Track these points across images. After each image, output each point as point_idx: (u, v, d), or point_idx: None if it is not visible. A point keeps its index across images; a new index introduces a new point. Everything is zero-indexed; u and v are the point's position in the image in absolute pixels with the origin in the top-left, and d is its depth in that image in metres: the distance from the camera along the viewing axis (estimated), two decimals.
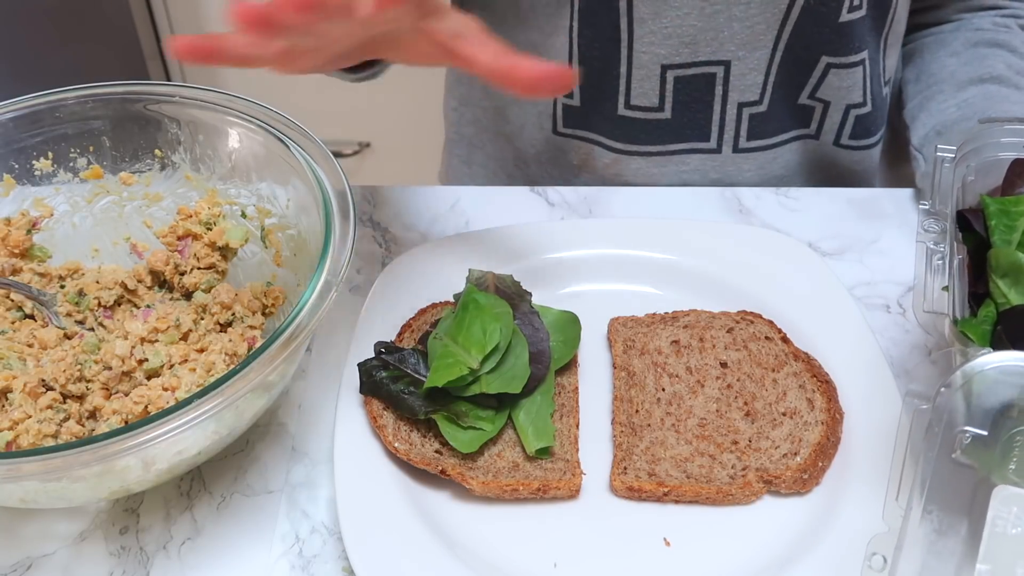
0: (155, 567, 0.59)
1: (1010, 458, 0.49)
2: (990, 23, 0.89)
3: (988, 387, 0.51)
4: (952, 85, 0.86)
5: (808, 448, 0.61)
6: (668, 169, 0.91)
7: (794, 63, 0.85)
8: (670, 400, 0.65)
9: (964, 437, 0.50)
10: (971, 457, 0.49)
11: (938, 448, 0.50)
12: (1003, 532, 0.47)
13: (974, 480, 0.49)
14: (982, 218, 0.63)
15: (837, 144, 0.90)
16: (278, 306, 0.65)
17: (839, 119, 0.89)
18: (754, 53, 0.84)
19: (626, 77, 0.86)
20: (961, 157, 0.66)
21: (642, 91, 0.86)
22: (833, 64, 0.85)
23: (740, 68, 0.85)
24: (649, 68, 0.85)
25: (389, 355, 0.64)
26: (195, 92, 0.70)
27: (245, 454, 0.65)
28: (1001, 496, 0.48)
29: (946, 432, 0.50)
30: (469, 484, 0.59)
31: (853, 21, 0.83)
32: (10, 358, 0.62)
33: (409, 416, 0.62)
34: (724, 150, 0.90)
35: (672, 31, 0.82)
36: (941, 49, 0.90)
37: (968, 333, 0.55)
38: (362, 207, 0.84)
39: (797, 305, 0.70)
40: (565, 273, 0.74)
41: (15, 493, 0.54)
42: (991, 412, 0.51)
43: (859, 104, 0.88)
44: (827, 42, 0.83)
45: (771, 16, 0.82)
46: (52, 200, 0.70)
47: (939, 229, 0.61)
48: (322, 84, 2.05)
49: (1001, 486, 0.48)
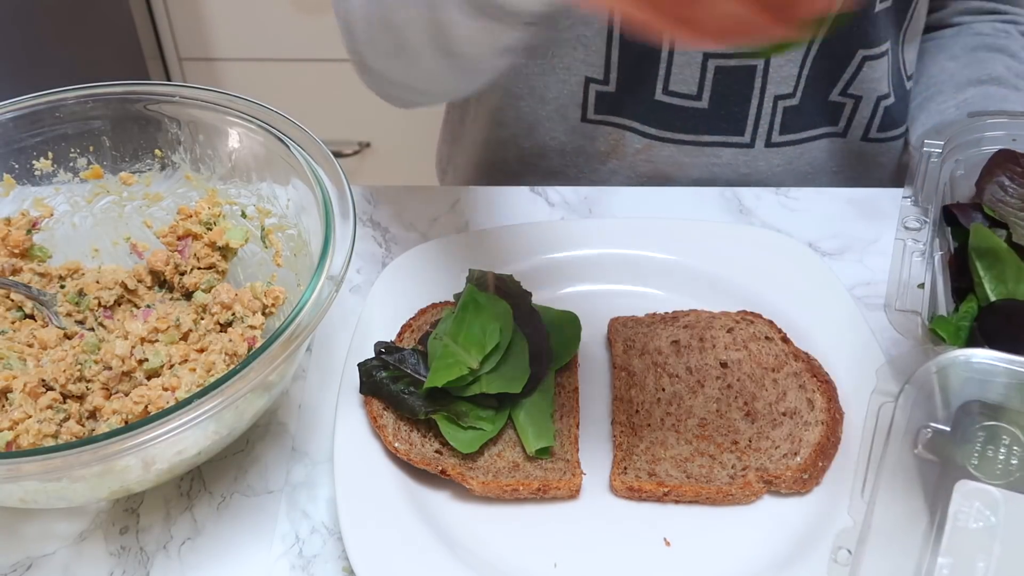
0: (155, 567, 0.59)
1: (972, 453, 0.50)
2: (990, 28, 0.89)
3: (953, 384, 0.51)
4: (952, 87, 0.86)
5: (808, 448, 0.61)
6: (699, 160, 0.91)
7: (830, 56, 0.85)
8: (670, 400, 0.65)
9: (927, 432, 0.50)
10: (934, 452, 0.50)
11: (901, 443, 0.50)
12: (964, 526, 0.47)
13: (937, 475, 0.50)
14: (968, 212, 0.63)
15: (865, 139, 0.91)
16: (278, 306, 0.65)
17: (869, 112, 0.89)
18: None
19: (667, 63, 0.85)
20: (948, 152, 0.66)
21: (682, 78, 0.86)
22: (868, 56, 0.85)
23: (778, 59, 0.84)
24: (691, 55, 0.85)
25: (389, 355, 0.64)
26: (195, 92, 0.70)
27: (245, 454, 0.65)
28: (963, 491, 0.48)
29: (909, 427, 0.50)
30: (469, 484, 0.59)
31: (880, 12, 0.83)
32: (10, 358, 0.62)
33: (409, 416, 0.62)
34: (757, 144, 0.89)
35: None
36: (941, 53, 0.90)
37: (939, 331, 0.55)
38: (362, 207, 0.84)
39: (797, 305, 0.70)
40: (565, 273, 0.74)
41: (15, 493, 0.54)
42: (955, 408, 0.51)
43: (886, 95, 0.88)
44: (864, 34, 0.84)
45: None
46: (52, 200, 0.70)
47: (919, 224, 0.61)
48: (322, 84, 2.06)
49: (963, 481, 0.48)
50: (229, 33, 1.95)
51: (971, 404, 0.51)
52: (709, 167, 0.91)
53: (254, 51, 1.98)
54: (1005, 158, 0.65)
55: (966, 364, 0.51)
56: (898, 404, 0.51)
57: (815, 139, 0.91)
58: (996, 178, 0.63)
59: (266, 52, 1.97)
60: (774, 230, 0.80)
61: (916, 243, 0.60)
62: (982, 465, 0.49)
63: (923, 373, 0.51)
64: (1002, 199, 0.63)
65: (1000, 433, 0.50)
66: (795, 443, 0.62)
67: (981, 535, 0.47)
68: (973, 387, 0.51)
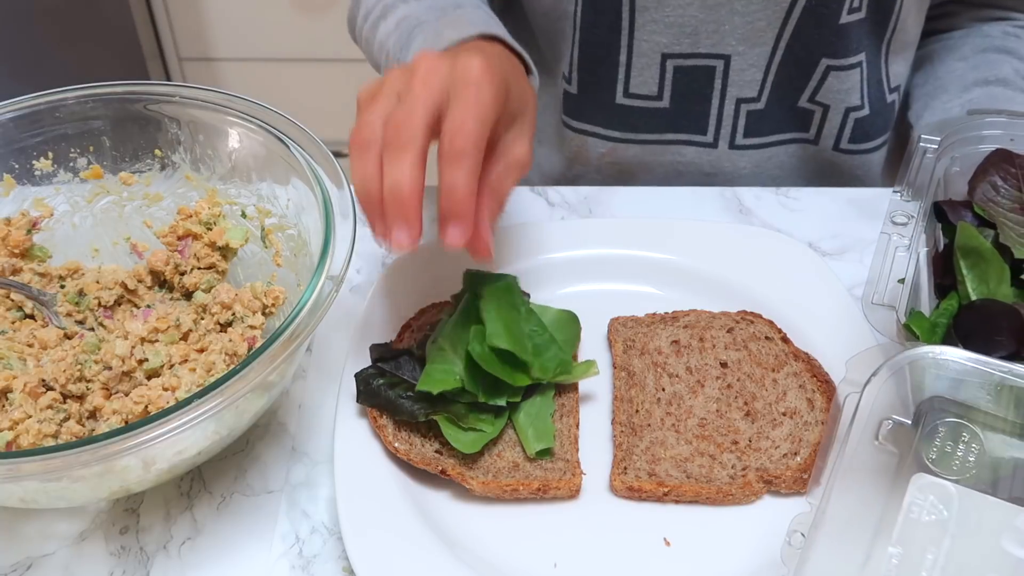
0: (155, 567, 0.59)
1: (931, 447, 0.50)
2: (1000, 31, 0.89)
3: (921, 379, 0.52)
4: (958, 87, 0.86)
5: (808, 448, 0.61)
6: (664, 159, 0.91)
7: (794, 63, 0.85)
8: (670, 400, 0.65)
9: (888, 424, 0.51)
10: (893, 444, 0.51)
11: (861, 433, 0.51)
12: (917, 519, 0.48)
13: (895, 466, 0.50)
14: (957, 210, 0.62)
15: (837, 148, 0.91)
16: (278, 306, 0.65)
17: (839, 122, 0.89)
18: (754, 49, 0.84)
19: (626, 65, 0.86)
20: (945, 148, 0.66)
21: (642, 79, 0.87)
22: (833, 67, 0.85)
23: (740, 63, 0.85)
24: (650, 56, 0.85)
25: (385, 362, 0.63)
26: (195, 92, 0.70)
27: (245, 454, 0.65)
28: (919, 483, 0.49)
29: (871, 418, 0.51)
30: (469, 484, 0.59)
31: (852, 23, 0.83)
32: (10, 358, 0.62)
33: (408, 420, 0.62)
34: (720, 145, 0.90)
35: (673, 20, 0.83)
36: (949, 54, 0.90)
37: (913, 327, 0.55)
38: None
39: (797, 305, 0.70)
40: (565, 273, 0.74)
41: (15, 493, 0.54)
42: (917, 403, 0.52)
43: (857, 107, 0.88)
44: (827, 44, 0.84)
45: (772, 13, 0.82)
46: (52, 200, 0.70)
47: (906, 219, 0.61)
48: (322, 84, 2.05)
49: (920, 474, 0.49)
50: (229, 33, 1.95)
51: (935, 399, 0.52)
52: (674, 165, 0.92)
53: (254, 51, 1.98)
54: (1000, 158, 0.64)
55: (935, 361, 0.52)
56: (863, 395, 0.51)
57: (783, 143, 0.91)
58: (989, 177, 0.63)
59: (266, 52, 1.97)
60: (774, 230, 0.80)
61: (901, 238, 0.60)
62: (940, 460, 0.50)
63: (891, 366, 0.52)
64: (993, 199, 0.62)
65: (961, 430, 0.51)
66: (795, 443, 0.62)
67: (933, 528, 0.47)
68: (941, 384, 0.52)
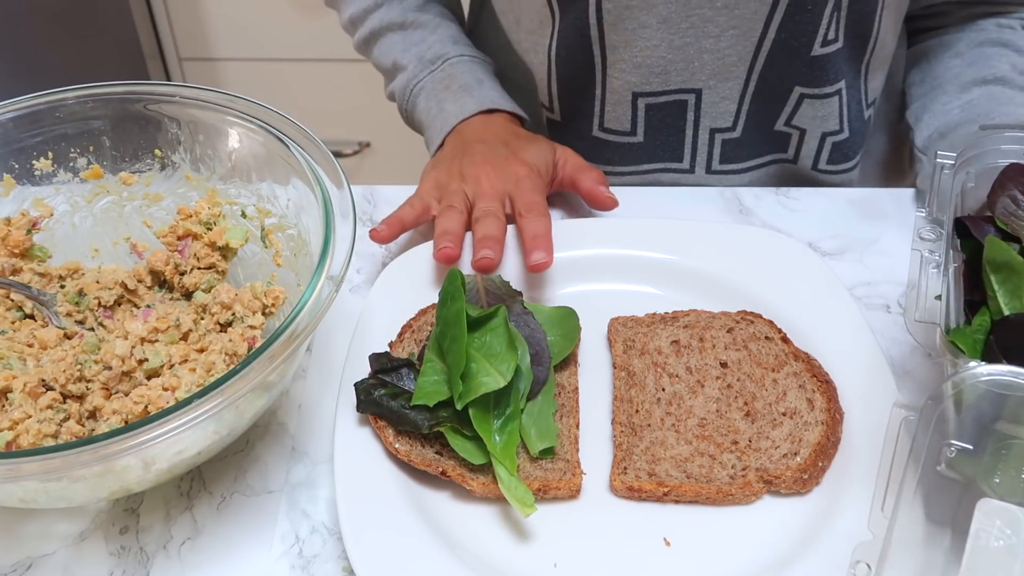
0: (155, 567, 0.59)
1: (995, 471, 0.50)
2: (994, 24, 0.89)
3: (976, 399, 0.51)
4: (956, 86, 0.86)
5: (808, 448, 0.61)
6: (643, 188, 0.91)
7: (769, 93, 0.85)
8: (670, 400, 0.65)
9: (950, 450, 0.50)
10: (956, 470, 0.50)
11: (923, 460, 0.50)
12: (985, 545, 0.47)
13: (959, 492, 0.50)
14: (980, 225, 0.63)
15: (815, 169, 0.91)
16: (278, 306, 0.65)
17: (815, 145, 0.89)
18: (726, 83, 0.84)
19: (600, 100, 0.87)
20: (961, 164, 0.66)
21: (615, 115, 0.87)
22: (807, 95, 0.85)
23: (712, 96, 0.85)
24: (621, 94, 0.86)
25: (385, 373, 0.63)
26: (195, 92, 0.70)
27: (245, 454, 0.65)
28: (985, 509, 0.48)
29: (932, 444, 0.50)
30: (469, 485, 0.59)
31: (828, 54, 0.82)
32: (10, 358, 0.62)
33: (412, 431, 0.61)
34: (697, 171, 0.90)
35: (642, 60, 0.83)
36: (945, 51, 0.90)
37: (958, 343, 0.55)
38: (362, 207, 0.84)
39: (797, 305, 0.70)
40: (565, 273, 0.74)
41: (15, 493, 0.54)
42: (977, 425, 0.51)
43: (835, 131, 0.88)
44: (800, 74, 0.84)
45: (743, 49, 0.82)
46: (52, 200, 0.70)
47: (935, 236, 0.61)
48: (322, 84, 2.05)
49: (985, 499, 0.48)
50: (229, 33, 1.95)
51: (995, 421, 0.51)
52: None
53: (254, 51, 1.98)
54: (1017, 172, 0.65)
55: (989, 380, 0.51)
56: (920, 419, 0.51)
57: (763, 166, 0.91)
58: (1008, 191, 0.63)
59: (266, 52, 1.97)
60: (774, 230, 0.80)
61: (932, 255, 0.60)
62: (1005, 483, 0.49)
63: (946, 388, 0.51)
64: (1014, 212, 0.63)
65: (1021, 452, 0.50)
66: (795, 443, 0.62)
67: (1002, 554, 0.47)
68: (992, 402, 0.51)
